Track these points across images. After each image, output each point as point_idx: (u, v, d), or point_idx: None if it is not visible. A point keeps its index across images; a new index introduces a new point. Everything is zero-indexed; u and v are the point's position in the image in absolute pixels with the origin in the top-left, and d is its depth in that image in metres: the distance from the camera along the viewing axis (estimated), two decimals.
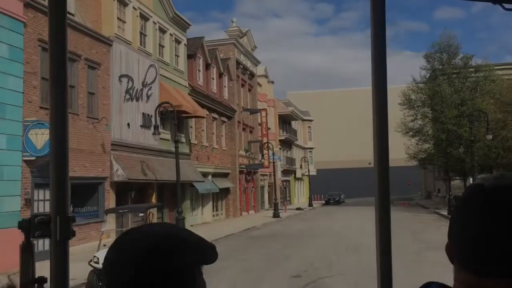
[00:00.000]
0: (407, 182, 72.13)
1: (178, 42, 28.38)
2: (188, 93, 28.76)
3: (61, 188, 1.17)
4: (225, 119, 36.21)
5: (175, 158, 19.96)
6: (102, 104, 19.54)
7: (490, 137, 25.20)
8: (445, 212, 31.73)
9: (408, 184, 72.31)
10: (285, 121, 57.56)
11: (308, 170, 57.60)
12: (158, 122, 20.77)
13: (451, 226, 0.94)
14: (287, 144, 57.89)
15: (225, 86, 36.27)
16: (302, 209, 46.15)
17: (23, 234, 1.17)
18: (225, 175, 35.97)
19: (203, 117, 29.47)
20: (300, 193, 64.96)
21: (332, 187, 70.07)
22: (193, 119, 29.56)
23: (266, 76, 51.99)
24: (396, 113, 47.99)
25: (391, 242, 1.31)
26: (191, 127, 30.07)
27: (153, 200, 13.97)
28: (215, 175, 33.49)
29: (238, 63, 39.41)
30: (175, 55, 27.98)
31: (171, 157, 24.66)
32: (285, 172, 56.48)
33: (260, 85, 48.91)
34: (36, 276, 1.18)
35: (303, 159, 59.38)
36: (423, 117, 44.88)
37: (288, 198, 58.91)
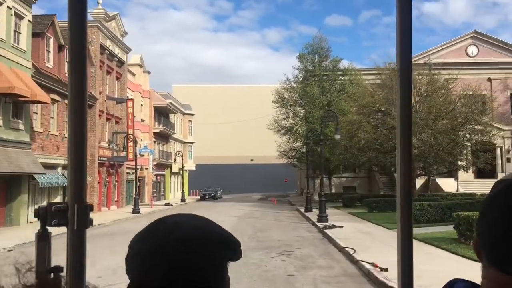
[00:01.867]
0: (284, 179, 73.90)
1: (19, 17, 25.35)
2: (31, 75, 25.88)
3: (79, 177, 1.12)
4: None
5: None
6: None
7: (338, 137, 25.94)
8: (303, 209, 32.26)
9: (286, 182, 74.08)
10: (161, 113, 55.58)
11: (183, 165, 56.23)
12: None
13: (479, 223, 0.90)
14: (163, 137, 55.98)
15: None
16: (171, 205, 44.67)
17: (40, 222, 1.13)
18: None
19: (47, 103, 26.75)
20: (177, 188, 63.44)
21: (212, 183, 69.53)
22: (39, 105, 26.79)
23: (141, 66, 49.64)
24: (270, 111, 48.50)
25: (412, 241, 1.26)
26: (35, 113, 27.20)
27: None
28: (66, 167, 30.74)
29: (103, 48, 36.78)
30: (15, 31, 24.95)
31: (3, 146, 22.01)
32: (160, 166, 54.58)
33: (133, 74, 46.49)
34: (52, 265, 1.13)
35: (177, 153, 57.86)
36: (294, 116, 45.77)
37: (162, 193, 57.13)
